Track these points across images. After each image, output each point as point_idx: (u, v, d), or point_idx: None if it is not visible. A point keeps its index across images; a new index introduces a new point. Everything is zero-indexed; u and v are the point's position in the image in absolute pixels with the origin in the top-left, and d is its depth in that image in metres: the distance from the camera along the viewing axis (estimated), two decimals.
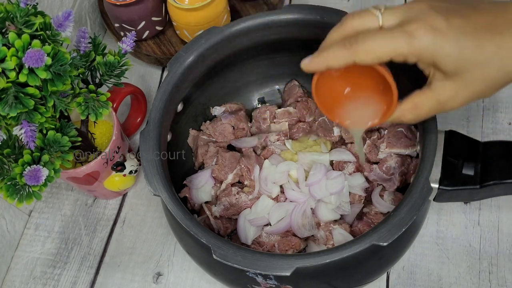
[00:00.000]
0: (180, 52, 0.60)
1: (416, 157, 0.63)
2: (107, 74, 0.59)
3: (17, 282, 0.68)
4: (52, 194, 0.74)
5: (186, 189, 0.65)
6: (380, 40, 0.40)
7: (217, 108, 0.71)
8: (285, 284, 0.51)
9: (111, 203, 0.73)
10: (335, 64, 0.42)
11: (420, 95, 0.44)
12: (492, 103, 0.74)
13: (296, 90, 0.71)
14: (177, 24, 0.76)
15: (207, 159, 0.67)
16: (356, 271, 0.53)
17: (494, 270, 0.62)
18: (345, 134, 0.65)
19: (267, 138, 0.67)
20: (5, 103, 0.47)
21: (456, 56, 0.39)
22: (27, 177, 0.50)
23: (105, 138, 0.68)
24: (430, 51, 0.40)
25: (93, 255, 0.69)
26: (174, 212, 0.51)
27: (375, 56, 0.41)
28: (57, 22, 0.51)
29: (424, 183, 0.49)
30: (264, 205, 0.62)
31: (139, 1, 0.73)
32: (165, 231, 0.69)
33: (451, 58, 0.40)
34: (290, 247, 0.60)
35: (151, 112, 0.57)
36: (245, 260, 0.47)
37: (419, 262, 0.64)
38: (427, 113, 0.45)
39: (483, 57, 0.39)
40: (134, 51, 0.79)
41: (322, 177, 0.61)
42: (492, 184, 0.50)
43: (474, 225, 0.65)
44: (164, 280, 0.66)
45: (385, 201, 0.61)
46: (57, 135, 0.53)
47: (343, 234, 0.60)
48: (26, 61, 0.46)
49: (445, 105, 0.43)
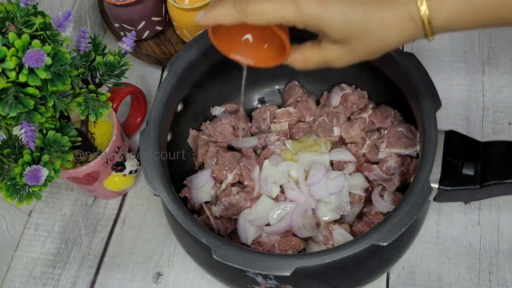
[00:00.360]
0: (180, 52, 0.60)
1: (416, 157, 0.63)
2: (107, 74, 0.59)
3: (17, 282, 0.68)
4: (52, 194, 0.74)
5: (186, 189, 0.65)
6: (269, 5, 0.42)
7: (217, 108, 0.71)
8: (285, 284, 0.51)
9: (111, 203, 0.73)
10: (225, 22, 0.44)
11: (311, 51, 0.46)
12: (492, 103, 0.74)
13: (296, 90, 0.71)
14: (177, 24, 0.76)
15: (207, 159, 0.67)
16: (356, 271, 0.53)
17: (494, 270, 0.62)
18: (345, 134, 0.66)
19: (267, 138, 0.67)
20: (5, 103, 0.47)
21: (341, 27, 0.41)
22: (27, 177, 0.50)
23: (105, 138, 0.68)
24: (317, 21, 0.41)
25: (93, 255, 0.69)
26: (174, 212, 0.51)
27: (264, 20, 0.42)
28: (57, 22, 0.51)
29: (424, 183, 0.49)
30: (264, 205, 0.62)
31: (139, 1, 0.73)
32: (165, 231, 0.69)
33: (337, 29, 0.42)
34: (290, 247, 0.60)
35: (151, 112, 0.57)
36: (245, 260, 0.47)
37: (419, 262, 0.64)
38: (315, 66, 0.47)
39: (367, 30, 0.41)
40: (134, 51, 0.79)
41: (322, 177, 0.61)
42: (492, 184, 0.50)
43: (474, 225, 0.65)
44: (164, 280, 0.66)
45: (385, 201, 0.61)
46: (57, 135, 0.53)
47: (343, 234, 0.60)
48: (26, 61, 0.46)
49: (331, 63, 0.46)
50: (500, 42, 0.78)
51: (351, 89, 0.68)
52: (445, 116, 0.73)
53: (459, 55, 0.78)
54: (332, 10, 0.40)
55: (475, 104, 0.74)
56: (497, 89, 0.75)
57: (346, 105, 0.68)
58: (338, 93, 0.68)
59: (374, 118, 0.66)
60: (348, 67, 0.46)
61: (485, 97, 0.74)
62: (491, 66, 0.77)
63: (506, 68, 0.76)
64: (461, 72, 0.77)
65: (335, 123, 0.66)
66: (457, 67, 0.77)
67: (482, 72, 0.76)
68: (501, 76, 0.76)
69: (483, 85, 0.75)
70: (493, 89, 0.75)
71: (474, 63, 0.77)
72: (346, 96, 0.68)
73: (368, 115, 0.66)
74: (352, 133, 0.65)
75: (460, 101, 0.74)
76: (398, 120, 0.65)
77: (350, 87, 0.68)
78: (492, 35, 0.79)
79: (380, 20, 0.41)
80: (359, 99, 0.67)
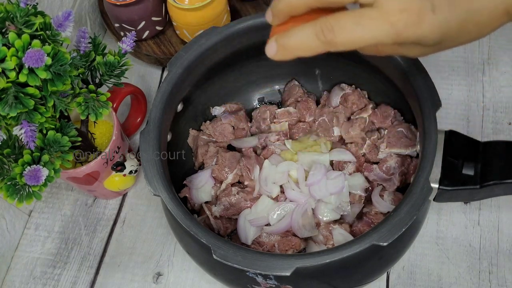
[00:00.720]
0: (180, 52, 0.60)
1: (416, 157, 0.63)
2: (107, 74, 0.59)
3: (17, 282, 0.68)
4: (52, 194, 0.74)
5: (186, 189, 0.65)
6: (361, 32, 0.38)
7: (217, 108, 0.71)
8: (285, 284, 0.51)
9: (111, 203, 0.73)
10: (307, 54, 0.40)
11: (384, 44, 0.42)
12: (492, 103, 0.74)
13: (296, 90, 0.71)
14: (177, 24, 0.76)
15: (207, 159, 0.67)
16: (356, 271, 0.53)
17: (494, 270, 0.62)
18: (345, 134, 0.66)
19: (267, 138, 0.67)
20: (5, 103, 0.47)
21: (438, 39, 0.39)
22: (27, 177, 0.50)
23: (105, 138, 0.68)
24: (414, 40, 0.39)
25: (93, 255, 0.69)
26: (174, 212, 0.51)
27: (355, 47, 0.39)
28: (57, 22, 0.51)
29: (424, 183, 0.49)
30: (264, 205, 0.62)
31: (139, 1, 0.73)
32: (165, 231, 0.69)
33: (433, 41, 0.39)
34: (290, 247, 0.60)
35: (151, 112, 0.57)
36: (245, 260, 0.47)
37: (419, 262, 0.64)
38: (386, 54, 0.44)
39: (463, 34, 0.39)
40: (134, 51, 0.79)
41: (322, 177, 0.61)
42: (492, 184, 0.50)
43: (474, 225, 0.65)
44: (164, 280, 0.66)
45: (385, 201, 0.61)
46: (57, 135, 0.53)
47: (343, 234, 0.60)
48: (26, 61, 0.46)
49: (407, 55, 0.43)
50: (500, 42, 0.78)
51: (351, 89, 0.68)
52: (445, 116, 0.73)
53: (459, 55, 0.78)
54: (431, 27, 0.38)
55: (475, 104, 0.74)
56: (497, 89, 0.75)
57: (346, 105, 0.68)
58: (338, 93, 0.68)
59: (374, 118, 0.66)
60: (348, 67, 0.45)
61: (485, 97, 0.74)
62: (491, 66, 0.77)
63: (506, 68, 0.76)
64: (461, 72, 0.77)
65: (335, 123, 0.66)
66: (457, 67, 0.77)
67: (482, 72, 0.76)
68: (501, 76, 0.76)
69: (483, 85, 0.75)
70: (493, 89, 0.75)
71: (474, 63, 0.77)
72: (346, 96, 0.68)
73: (368, 115, 0.66)
74: (352, 133, 0.65)
75: (460, 101, 0.74)
76: (398, 120, 0.65)
77: (350, 87, 0.68)
78: (492, 35, 0.79)
79: (476, 23, 0.39)
80: (359, 99, 0.67)
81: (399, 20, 0.37)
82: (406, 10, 0.37)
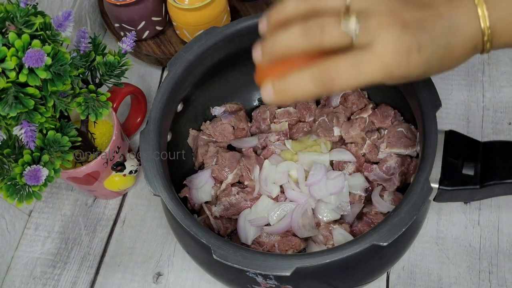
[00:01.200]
0: (180, 52, 0.60)
1: (416, 157, 0.63)
2: (107, 74, 0.59)
3: (17, 282, 0.68)
4: (52, 194, 0.74)
5: (186, 189, 0.65)
6: (355, 75, 0.39)
7: (217, 108, 0.71)
8: (285, 284, 0.51)
9: (111, 203, 0.73)
10: (304, 100, 0.42)
11: None
12: (492, 103, 0.74)
13: None
14: (177, 24, 0.76)
15: (207, 159, 0.67)
16: (356, 271, 0.53)
17: (494, 270, 0.62)
18: (345, 134, 0.65)
19: (267, 138, 0.67)
20: (5, 103, 0.47)
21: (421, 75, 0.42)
22: (27, 177, 0.50)
23: (105, 138, 0.68)
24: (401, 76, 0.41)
25: (93, 255, 0.69)
26: (174, 212, 0.51)
27: (350, 89, 0.41)
28: (57, 22, 0.51)
29: (424, 183, 0.49)
30: (264, 205, 0.62)
31: (139, 1, 0.73)
32: (165, 231, 0.69)
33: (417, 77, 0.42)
34: (290, 247, 0.60)
35: (151, 112, 0.57)
36: (245, 260, 0.47)
37: (419, 262, 0.64)
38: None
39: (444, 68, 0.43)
40: (134, 51, 0.79)
41: (322, 177, 0.61)
42: (492, 184, 0.50)
43: (474, 225, 0.65)
44: (164, 280, 0.66)
45: (385, 201, 0.61)
46: (57, 135, 0.53)
47: (343, 234, 0.59)
48: (26, 61, 0.46)
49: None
50: None
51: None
52: (445, 116, 0.73)
53: None
54: (417, 65, 0.40)
55: (475, 104, 0.74)
56: (497, 89, 0.75)
57: (346, 105, 0.68)
58: (338, 93, 0.68)
59: (374, 118, 0.66)
60: None
61: (485, 97, 0.74)
62: (491, 66, 0.77)
63: (506, 68, 0.76)
64: (461, 72, 0.77)
65: (335, 123, 0.66)
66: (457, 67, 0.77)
67: (482, 72, 0.76)
68: (501, 76, 0.76)
69: (483, 85, 0.75)
70: (493, 89, 0.75)
71: (474, 63, 0.77)
72: (346, 96, 0.68)
73: (368, 115, 0.66)
74: (352, 133, 0.65)
75: (460, 101, 0.74)
76: (398, 120, 0.65)
77: None
78: None
79: (452, 57, 0.42)
80: (359, 99, 0.67)
81: (392, 61, 0.39)
82: (398, 51, 0.39)
